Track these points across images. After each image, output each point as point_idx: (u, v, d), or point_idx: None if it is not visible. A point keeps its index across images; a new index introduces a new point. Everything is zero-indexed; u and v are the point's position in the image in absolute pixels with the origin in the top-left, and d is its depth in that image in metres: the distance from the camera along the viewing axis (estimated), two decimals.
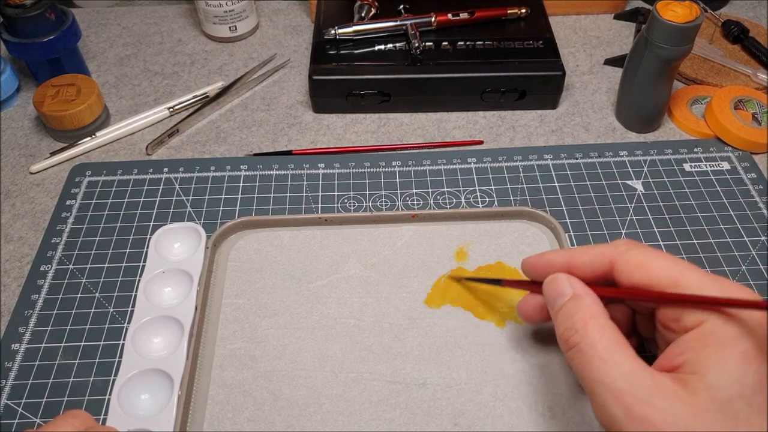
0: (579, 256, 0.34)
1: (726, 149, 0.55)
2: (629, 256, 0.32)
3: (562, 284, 0.33)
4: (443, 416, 0.38)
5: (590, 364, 0.30)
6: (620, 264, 0.33)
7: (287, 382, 0.40)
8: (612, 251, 0.33)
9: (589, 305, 0.32)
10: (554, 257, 0.35)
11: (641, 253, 0.32)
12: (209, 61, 0.66)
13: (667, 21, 0.48)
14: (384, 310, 0.43)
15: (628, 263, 0.32)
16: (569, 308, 0.32)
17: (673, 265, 0.31)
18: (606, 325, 0.31)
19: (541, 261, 0.36)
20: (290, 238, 0.48)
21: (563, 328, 0.32)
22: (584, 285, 0.33)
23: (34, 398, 0.40)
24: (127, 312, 0.44)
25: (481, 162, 0.54)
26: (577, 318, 0.31)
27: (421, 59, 0.57)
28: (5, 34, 0.57)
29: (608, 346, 0.30)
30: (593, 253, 0.34)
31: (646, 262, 0.32)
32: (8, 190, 0.53)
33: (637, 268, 0.32)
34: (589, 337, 0.30)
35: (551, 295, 0.34)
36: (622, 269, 0.32)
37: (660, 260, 0.32)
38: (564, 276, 0.34)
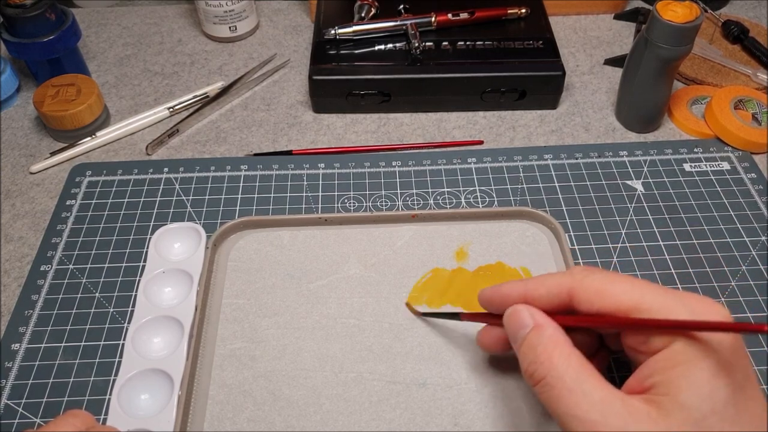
0: (535, 289, 0.33)
1: (726, 149, 0.55)
2: (587, 284, 0.31)
3: (522, 316, 0.32)
4: (443, 416, 0.38)
5: (559, 398, 0.29)
6: (578, 293, 0.32)
7: (287, 382, 0.40)
8: (568, 280, 0.32)
9: (551, 335, 0.31)
10: (510, 290, 0.34)
11: (599, 279, 0.31)
12: (209, 61, 0.66)
13: (667, 21, 0.48)
14: (384, 310, 0.43)
15: (587, 291, 0.31)
16: (531, 340, 0.31)
17: (632, 288, 0.30)
18: (571, 354, 0.30)
19: (498, 293, 0.35)
20: (290, 238, 0.48)
21: (527, 362, 0.31)
22: (545, 315, 0.32)
23: (34, 398, 0.40)
24: (127, 312, 0.44)
25: (481, 162, 0.54)
26: (540, 350, 0.30)
27: (421, 59, 0.57)
28: (5, 34, 0.57)
29: (575, 377, 0.29)
30: (550, 284, 0.33)
31: (605, 288, 0.31)
32: (8, 190, 0.53)
33: (596, 295, 0.31)
34: (555, 369, 0.29)
35: (512, 328, 0.33)
36: (581, 298, 0.31)
37: (618, 284, 0.31)
38: (524, 307, 0.33)
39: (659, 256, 0.47)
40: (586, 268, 0.33)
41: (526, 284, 0.34)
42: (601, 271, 0.32)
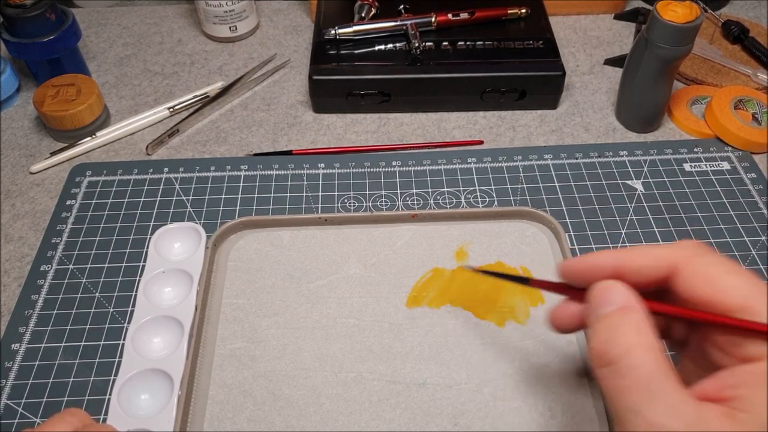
0: (632, 260, 0.30)
1: (726, 149, 0.55)
2: (697, 264, 0.28)
3: (612, 292, 0.29)
4: (443, 416, 0.38)
5: (628, 389, 0.26)
6: (684, 271, 0.28)
7: (287, 382, 0.40)
8: (677, 254, 0.29)
9: (638, 321, 0.27)
10: (601, 260, 0.30)
11: (712, 263, 0.28)
12: (209, 61, 0.66)
13: (667, 21, 0.48)
14: (384, 310, 0.43)
15: (694, 273, 0.28)
16: (614, 320, 0.28)
17: (747, 285, 0.27)
18: (653, 348, 0.26)
19: (586, 264, 0.31)
20: (290, 238, 0.48)
21: (600, 340, 0.27)
22: (639, 297, 0.28)
23: (34, 398, 0.40)
24: (127, 312, 0.44)
25: (481, 162, 0.54)
26: (621, 333, 0.27)
27: (421, 59, 0.57)
28: (5, 34, 0.57)
29: (651, 372, 0.26)
30: (651, 256, 0.29)
31: (716, 276, 0.28)
32: (8, 190, 0.53)
33: (703, 281, 0.28)
34: (631, 357, 0.26)
35: (595, 302, 0.29)
36: (684, 278, 0.28)
37: (732, 276, 0.27)
38: (619, 285, 0.29)
39: None
40: (698, 244, 0.29)
41: (619, 254, 0.30)
42: (714, 253, 0.29)
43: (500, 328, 0.42)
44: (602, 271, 0.30)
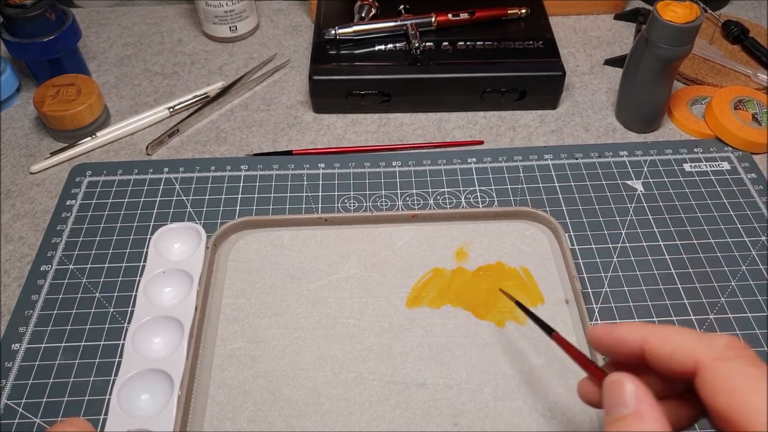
0: (658, 345, 0.28)
1: (726, 149, 0.55)
2: (721, 370, 0.26)
3: (624, 392, 0.27)
4: (443, 416, 0.38)
5: None
6: (707, 374, 0.26)
7: (287, 382, 0.40)
8: (703, 352, 0.26)
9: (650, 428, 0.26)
10: (629, 336, 0.29)
11: (737, 373, 0.25)
12: (209, 61, 0.66)
13: (667, 21, 0.48)
14: (384, 310, 0.43)
15: (716, 379, 0.26)
16: (624, 425, 0.27)
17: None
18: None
19: (612, 338, 0.30)
20: (290, 238, 0.48)
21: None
22: (652, 401, 0.27)
23: (34, 398, 0.40)
24: (127, 312, 0.44)
25: (481, 162, 0.54)
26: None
27: (421, 59, 0.57)
28: (5, 34, 0.57)
29: None
30: (677, 344, 0.27)
31: (740, 392, 0.25)
32: (8, 190, 0.53)
33: (724, 392, 0.25)
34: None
35: (609, 399, 0.28)
36: (705, 382, 0.26)
37: (757, 396, 0.25)
38: (630, 384, 0.28)
39: (659, 256, 0.47)
40: (734, 347, 0.26)
41: (647, 332, 0.29)
42: (748, 357, 0.26)
43: (500, 328, 0.42)
44: (629, 348, 0.29)
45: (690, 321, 0.43)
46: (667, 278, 0.45)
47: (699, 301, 0.44)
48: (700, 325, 0.43)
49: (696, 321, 0.43)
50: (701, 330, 0.42)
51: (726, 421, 0.25)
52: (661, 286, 0.45)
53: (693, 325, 0.43)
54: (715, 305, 0.44)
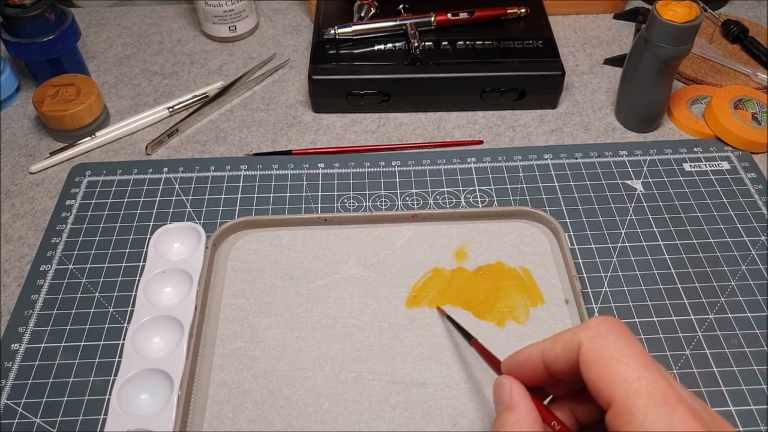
0: (551, 348, 0.30)
1: (726, 149, 0.55)
2: (595, 345, 0.28)
3: (502, 390, 0.31)
4: (443, 416, 0.38)
5: None
6: (584, 351, 0.28)
7: (287, 382, 0.40)
8: (580, 335, 0.29)
9: (516, 420, 0.30)
10: (531, 356, 0.31)
11: (609, 346, 0.28)
12: (209, 61, 0.66)
13: (667, 21, 0.48)
14: (384, 310, 0.43)
15: (591, 354, 0.28)
16: (500, 420, 0.30)
17: (637, 380, 0.27)
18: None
19: (518, 362, 0.32)
20: (290, 238, 0.48)
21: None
22: (524, 392, 0.31)
23: (34, 398, 0.40)
24: (127, 312, 0.44)
25: (481, 162, 0.54)
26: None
27: (420, 59, 0.57)
28: (5, 34, 0.57)
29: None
30: (564, 339, 0.30)
31: (609, 362, 0.27)
32: (8, 190, 0.53)
33: (596, 364, 0.28)
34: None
35: (495, 400, 0.32)
36: (582, 358, 0.28)
37: (624, 367, 0.27)
38: (507, 380, 0.32)
39: (659, 256, 0.47)
40: (605, 322, 0.29)
41: (543, 345, 0.31)
42: (618, 334, 0.28)
43: (500, 328, 0.42)
44: (534, 365, 0.31)
45: (690, 321, 0.43)
46: (666, 278, 0.45)
47: (699, 301, 0.44)
48: (700, 325, 0.43)
49: (696, 321, 0.43)
50: (700, 330, 0.42)
51: (597, 391, 0.28)
52: (661, 285, 0.45)
53: (693, 325, 0.43)
54: (715, 305, 0.44)
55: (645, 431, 0.26)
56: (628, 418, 0.26)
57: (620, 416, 0.27)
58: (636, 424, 0.26)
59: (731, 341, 0.42)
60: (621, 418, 0.27)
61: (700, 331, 0.42)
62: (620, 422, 0.27)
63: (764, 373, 0.40)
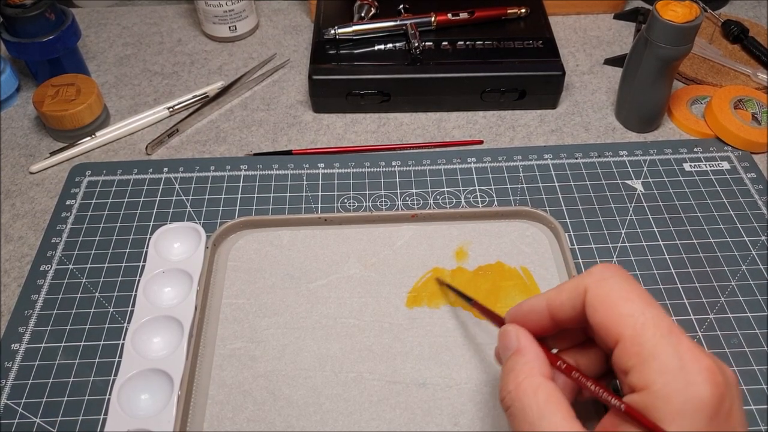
0: (556, 296, 0.31)
1: (726, 149, 0.55)
2: (600, 288, 0.30)
3: (509, 337, 0.32)
4: (443, 416, 0.38)
5: (522, 429, 0.28)
6: (590, 295, 0.30)
7: (287, 382, 0.40)
8: (585, 281, 0.30)
9: (526, 363, 0.30)
10: (536, 305, 0.33)
11: (612, 288, 0.29)
12: (209, 61, 0.66)
13: (667, 21, 0.48)
14: (384, 310, 0.43)
15: (596, 297, 0.29)
16: (509, 364, 0.31)
17: (642, 314, 0.28)
18: (540, 386, 0.29)
19: (522, 311, 0.33)
20: (290, 238, 0.48)
21: (501, 387, 0.31)
22: (531, 339, 0.31)
23: (34, 398, 0.40)
24: (127, 312, 0.44)
25: (481, 162, 0.54)
26: (512, 377, 0.30)
27: (420, 59, 0.57)
28: (5, 34, 0.57)
29: (538, 411, 0.28)
30: (569, 287, 0.31)
31: (615, 302, 0.29)
32: (8, 190, 0.53)
33: (602, 306, 0.29)
34: (520, 400, 0.29)
35: (501, 347, 0.33)
36: (589, 301, 0.30)
37: (630, 304, 0.29)
38: (513, 328, 0.32)
39: (659, 256, 0.47)
40: (608, 267, 0.31)
41: (547, 295, 0.32)
42: (621, 277, 0.30)
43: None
44: (539, 315, 0.32)
45: (690, 321, 0.43)
46: (667, 278, 0.45)
47: (699, 301, 0.44)
48: (700, 325, 0.43)
49: (696, 321, 0.43)
50: (701, 330, 0.42)
51: (603, 330, 0.29)
52: (661, 285, 0.45)
53: (693, 325, 0.43)
54: (715, 305, 0.44)
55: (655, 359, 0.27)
56: (637, 350, 0.27)
57: (629, 349, 0.28)
58: (645, 354, 0.27)
59: (731, 341, 0.42)
60: (630, 351, 0.28)
61: (700, 331, 0.42)
62: (629, 355, 0.28)
63: (764, 373, 0.40)
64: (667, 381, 0.26)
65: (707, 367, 0.26)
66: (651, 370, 0.27)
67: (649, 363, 0.27)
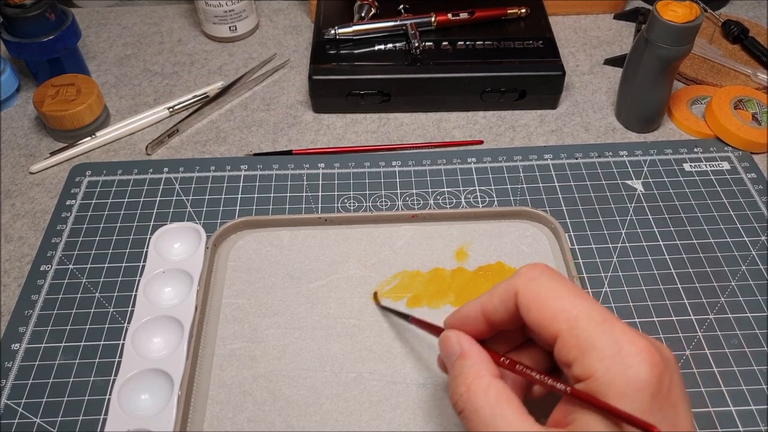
0: (489, 301, 0.32)
1: (726, 149, 0.55)
2: (530, 288, 0.30)
3: (450, 342, 0.32)
4: (443, 416, 0.38)
5: (477, 429, 0.29)
6: (521, 297, 0.30)
7: (287, 382, 0.40)
8: (515, 283, 0.31)
9: (473, 365, 0.30)
10: (471, 312, 0.33)
11: (544, 286, 0.30)
12: (209, 61, 0.66)
13: (667, 21, 0.48)
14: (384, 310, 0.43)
15: (528, 296, 0.30)
16: (456, 369, 0.31)
17: (573, 307, 0.29)
18: (490, 386, 0.29)
19: (458, 319, 0.33)
20: (290, 238, 0.48)
21: (450, 392, 0.31)
22: (473, 342, 0.32)
23: (34, 398, 0.40)
24: (127, 312, 0.44)
25: (481, 162, 0.54)
26: (461, 381, 0.30)
27: (421, 59, 0.57)
28: (5, 34, 0.57)
29: (490, 410, 0.28)
30: (500, 291, 0.31)
31: (546, 299, 0.30)
32: (8, 190, 0.53)
33: (534, 304, 0.30)
34: (472, 402, 0.29)
35: (445, 354, 0.33)
36: (521, 302, 0.30)
37: (560, 300, 0.29)
38: (453, 333, 0.33)
39: (659, 256, 0.47)
40: (535, 267, 0.31)
41: (480, 300, 0.32)
42: (549, 275, 0.31)
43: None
44: (475, 320, 0.33)
45: (690, 321, 0.43)
46: (667, 278, 0.45)
47: (699, 301, 0.44)
48: (700, 325, 0.43)
49: (696, 321, 0.43)
50: (701, 330, 0.42)
51: (539, 328, 0.29)
52: (661, 286, 0.45)
53: (693, 325, 0.43)
54: (715, 305, 0.44)
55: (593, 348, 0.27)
56: (574, 342, 0.28)
57: (567, 342, 0.28)
58: (583, 345, 0.28)
59: (731, 341, 0.42)
60: (569, 344, 0.28)
61: (700, 331, 0.42)
62: (569, 348, 0.28)
63: (764, 373, 0.40)
64: (607, 367, 0.27)
65: (643, 348, 0.27)
66: (591, 359, 0.27)
67: (589, 353, 0.28)
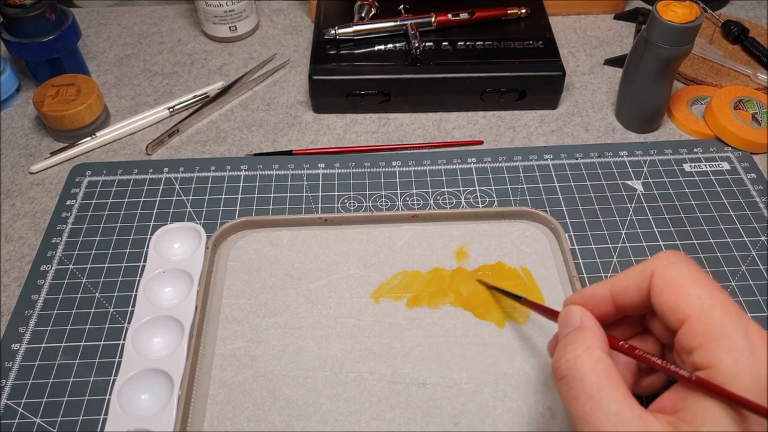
0: (619, 281, 0.32)
1: (726, 149, 0.55)
2: (667, 272, 0.30)
3: (572, 315, 0.32)
4: (443, 416, 0.38)
5: (576, 399, 0.28)
6: (657, 277, 0.30)
7: (287, 382, 0.40)
8: (652, 265, 0.31)
9: (588, 338, 0.30)
10: (598, 290, 0.33)
11: (680, 272, 0.30)
12: (209, 61, 0.66)
13: (667, 21, 0.48)
14: (384, 310, 0.43)
15: (664, 278, 0.30)
16: (569, 338, 0.31)
17: (708, 297, 0.29)
18: (600, 360, 0.29)
19: (584, 297, 0.33)
20: (290, 238, 0.48)
21: (556, 357, 0.31)
22: (594, 320, 0.32)
23: (34, 398, 0.40)
24: (127, 312, 0.44)
25: (481, 162, 0.54)
26: (571, 348, 0.30)
27: (421, 59, 0.57)
28: (5, 34, 0.57)
29: (597, 382, 0.28)
30: (635, 271, 0.31)
31: (682, 284, 0.29)
32: (8, 190, 0.53)
33: (669, 288, 0.30)
34: (579, 371, 0.29)
35: (561, 325, 0.33)
36: (655, 284, 0.30)
37: (697, 287, 0.29)
38: (578, 308, 0.32)
39: None
40: (675, 253, 0.31)
41: (610, 280, 0.33)
42: (687, 262, 0.30)
43: (500, 328, 0.42)
44: (602, 299, 0.33)
45: None
46: None
47: None
48: None
49: None
50: None
51: (668, 311, 0.29)
52: None
53: None
54: None
55: (723, 339, 0.27)
56: (703, 329, 0.28)
57: (695, 329, 0.28)
58: (713, 333, 0.28)
59: None
60: (696, 330, 0.28)
61: None
62: (695, 334, 0.28)
63: None
64: (735, 359, 0.27)
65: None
66: (719, 348, 0.27)
67: (717, 342, 0.27)
